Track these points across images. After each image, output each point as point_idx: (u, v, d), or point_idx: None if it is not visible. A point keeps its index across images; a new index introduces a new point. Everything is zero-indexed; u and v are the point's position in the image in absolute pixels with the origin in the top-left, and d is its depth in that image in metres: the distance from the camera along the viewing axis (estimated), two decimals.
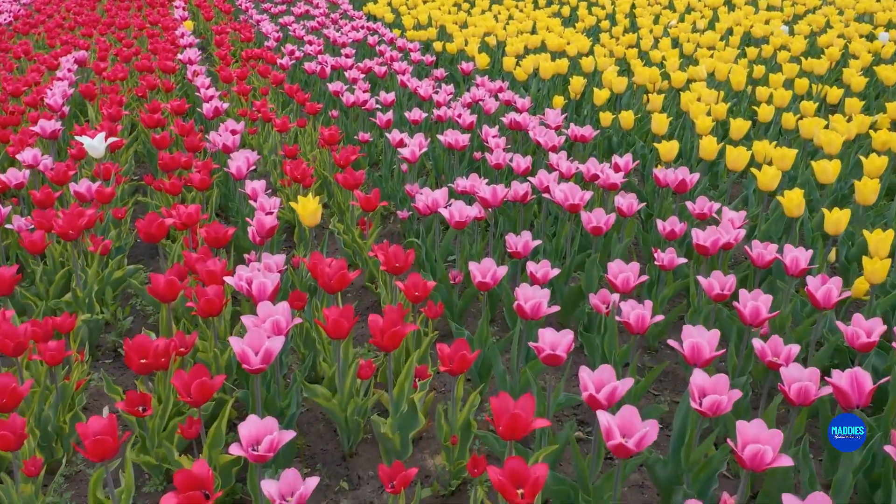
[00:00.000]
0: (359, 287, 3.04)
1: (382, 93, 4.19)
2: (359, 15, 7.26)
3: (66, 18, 7.84)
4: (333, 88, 4.39)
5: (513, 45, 5.24)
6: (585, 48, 5.37)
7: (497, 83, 4.35)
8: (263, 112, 4.08)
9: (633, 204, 2.61)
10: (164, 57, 5.35)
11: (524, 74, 4.53)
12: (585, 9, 7.70)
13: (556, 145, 3.30)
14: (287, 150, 3.56)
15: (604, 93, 3.86)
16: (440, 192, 2.67)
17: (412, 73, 5.55)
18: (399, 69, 4.83)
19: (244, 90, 4.66)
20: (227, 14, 8.10)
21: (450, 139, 3.36)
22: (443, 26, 6.81)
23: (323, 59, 5.30)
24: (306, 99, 4.28)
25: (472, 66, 4.86)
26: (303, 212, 2.39)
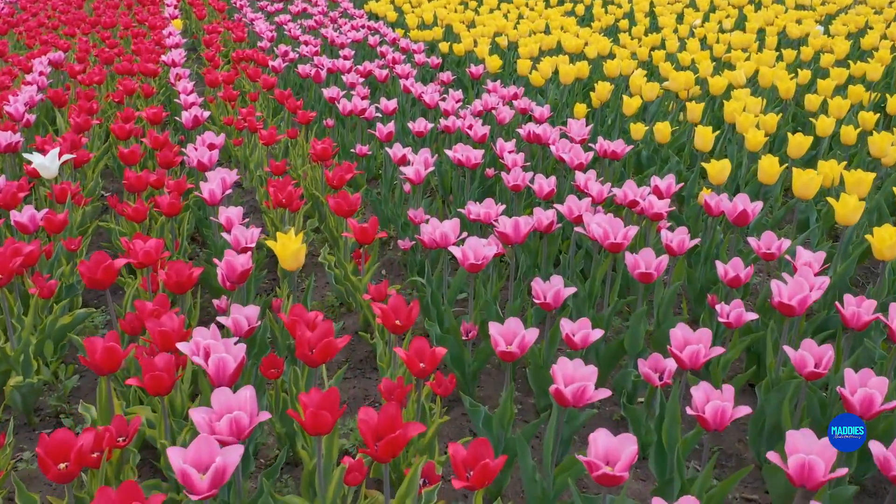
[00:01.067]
0: (351, 330, 2.59)
1: (383, 99, 3.74)
2: (359, 13, 6.82)
3: (51, 17, 7.41)
4: (329, 94, 3.94)
5: (526, 47, 4.78)
6: (606, 50, 4.92)
7: (511, 89, 3.89)
8: (249, 122, 3.63)
9: (684, 240, 2.15)
10: (147, 59, 4.91)
11: (541, 79, 4.08)
12: (601, 7, 7.25)
13: (584, 163, 2.85)
14: (273, 166, 3.11)
15: (634, 101, 3.40)
16: (450, 224, 2.22)
17: (416, 76, 5.10)
18: (402, 73, 4.38)
19: (230, 96, 4.21)
20: (220, 12, 7.65)
21: (460, 156, 2.90)
22: (449, 26, 6.36)
23: (319, 61, 4.85)
24: (298, 106, 3.83)
25: (482, 70, 4.41)
26: (282, 253, 1.94)
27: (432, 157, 2.91)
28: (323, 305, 2.77)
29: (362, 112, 3.63)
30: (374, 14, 7.17)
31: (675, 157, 3.36)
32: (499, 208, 2.46)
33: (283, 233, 2.03)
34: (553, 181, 2.65)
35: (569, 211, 2.35)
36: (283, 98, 4.03)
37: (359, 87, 4.19)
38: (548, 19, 6.44)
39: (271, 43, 5.74)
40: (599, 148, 2.99)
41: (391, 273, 3.03)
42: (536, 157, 3.33)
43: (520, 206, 2.88)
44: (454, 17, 6.21)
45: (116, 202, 2.97)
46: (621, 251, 2.04)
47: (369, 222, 2.36)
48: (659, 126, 3.10)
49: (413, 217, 2.70)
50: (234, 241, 2.25)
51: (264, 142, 3.30)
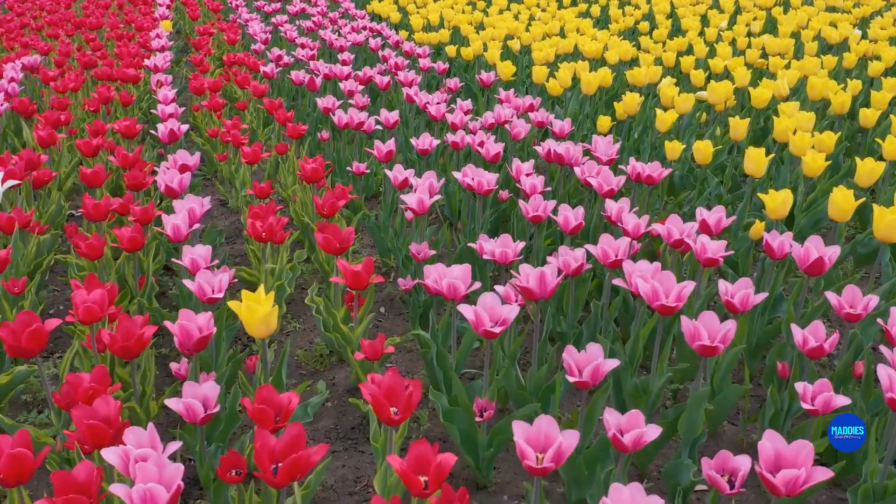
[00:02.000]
0: (342, 391, 2.19)
1: (384, 111, 3.34)
2: (361, 14, 6.42)
3: (37, 17, 7.04)
4: (323, 104, 3.54)
5: (541, 52, 4.38)
6: (628, 55, 4.51)
7: (526, 99, 3.49)
8: (233, 136, 3.24)
9: (748, 296, 1.75)
10: (128, 63, 4.52)
11: (558, 88, 3.67)
12: (618, 7, 6.84)
13: (615, 189, 2.45)
14: (257, 189, 2.72)
15: (669, 116, 2.99)
16: (459, 271, 1.82)
17: (421, 83, 4.70)
18: (405, 80, 3.98)
19: (216, 105, 3.82)
20: (215, 12, 7.27)
21: (471, 181, 2.50)
22: (456, 28, 5.96)
23: (315, 66, 4.46)
24: (289, 118, 3.43)
25: (493, 77, 4.01)
26: (248, 319, 1.54)
27: (438, 181, 2.51)
28: (310, 355, 2.37)
29: (359, 126, 3.23)
30: (377, 15, 6.78)
31: (715, 179, 2.96)
32: (517, 247, 2.06)
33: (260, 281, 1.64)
34: (580, 213, 2.25)
35: (603, 255, 1.95)
36: (272, 108, 3.64)
37: (357, 95, 3.79)
38: (562, 21, 6.03)
39: (266, 46, 5.35)
40: (632, 171, 2.58)
41: (391, 312, 2.64)
42: (557, 178, 2.93)
43: (540, 239, 2.48)
44: (462, 18, 5.81)
45: (75, 231, 2.58)
46: (674, 314, 1.64)
47: (363, 264, 1.97)
48: (699, 146, 2.69)
49: (416, 253, 2.30)
50: (198, 291, 1.86)
51: (247, 160, 2.90)
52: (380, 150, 2.84)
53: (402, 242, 2.62)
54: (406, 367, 2.32)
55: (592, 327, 2.07)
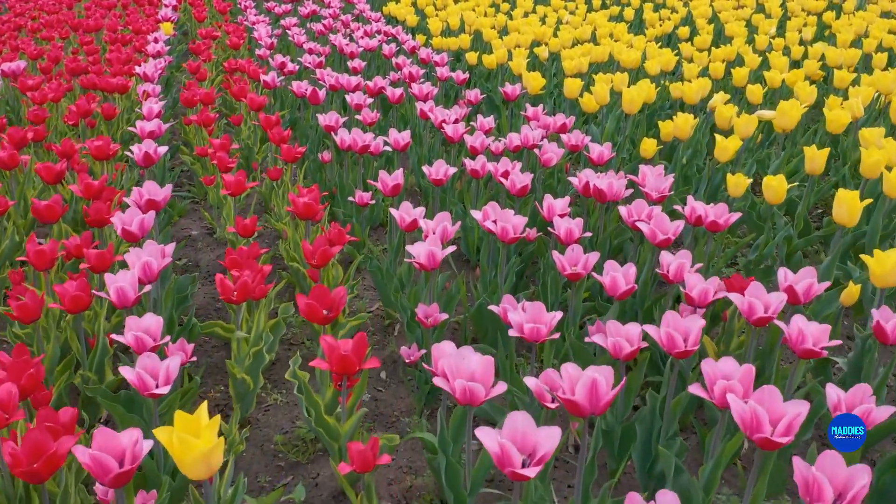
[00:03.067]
0: (326, 497, 1.74)
1: (393, 132, 2.89)
2: (376, 17, 5.99)
3: (35, 18, 6.69)
4: (325, 122, 3.10)
5: (571, 60, 3.91)
6: (670, 65, 4.03)
7: (558, 118, 3.02)
8: (219, 159, 2.80)
9: (870, 412, 1.28)
10: (118, 70, 4.12)
11: (594, 104, 3.20)
12: (653, 11, 6.35)
13: (671, 238, 1.98)
14: (240, 226, 2.29)
15: (731, 143, 2.51)
16: (479, 366, 1.37)
17: (438, 94, 4.25)
18: (419, 93, 3.53)
19: (207, 119, 3.40)
20: (223, 13, 6.87)
21: (493, 224, 2.04)
22: (478, 32, 5.51)
23: (322, 74, 4.03)
24: (284, 138, 3.00)
25: (518, 90, 3.54)
26: (180, 456, 1.09)
27: (454, 224, 2.06)
28: (291, 441, 1.93)
29: (364, 149, 2.79)
30: (393, 17, 6.35)
31: (783, 218, 2.48)
32: (551, 320, 1.60)
33: None
34: (631, 273, 1.79)
35: (669, 342, 1.48)
36: (268, 124, 3.20)
37: (365, 110, 3.36)
38: (593, 25, 5.56)
39: (271, 51, 4.93)
40: (690, 214, 2.11)
41: (393, 379, 2.19)
42: (595, 216, 2.46)
43: (578, 299, 2.01)
44: (484, 21, 5.35)
45: (19, 279, 2.16)
46: (778, 448, 1.17)
47: (354, 343, 1.52)
48: (772, 183, 2.20)
49: (423, 318, 1.86)
50: (137, 383, 1.42)
51: (229, 191, 2.47)
52: (385, 183, 2.39)
53: (409, 295, 2.17)
54: (409, 459, 1.87)
55: (648, 426, 1.61)
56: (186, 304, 2.22)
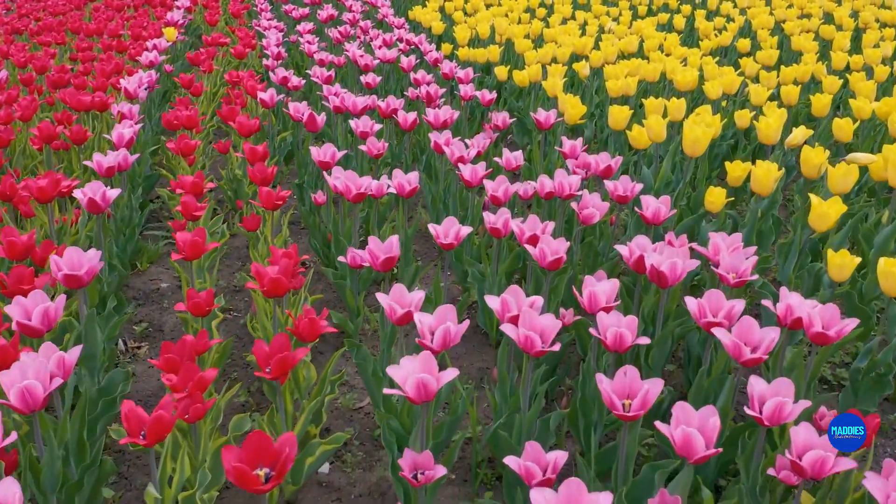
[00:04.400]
0: None
1: (398, 174, 2.35)
2: (399, 22, 5.45)
3: (38, 20, 6.29)
4: (319, 157, 2.57)
5: (617, 81, 3.33)
6: (734, 87, 3.43)
7: (601, 158, 2.45)
8: (185, 204, 2.28)
9: None
10: (101, 84, 3.64)
11: (645, 139, 2.62)
12: (706, 19, 5.72)
13: (763, 356, 1.41)
14: (191, 303, 1.77)
15: (833, 208, 1.91)
16: None
17: (461, 114, 3.71)
18: (435, 120, 2.98)
19: (186, 148, 2.90)
20: (237, 17, 6.40)
21: (520, 333, 1.48)
22: (510, 42, 4.94)
23: (328, 91, 3.51)
24: (268, 177, 2.47)
25: (552, 117, 2.98)
26: None
27: (459, 323, 1.51)
28: None
29: (358, 198, 2.24)
30: (418, 23, 5.81)
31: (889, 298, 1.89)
32: (603, 502, 1.05)
33: None
34: (714, 427, 1.22)
35: None
36: (253, 156, 2.69)
37: (371, 140, 2.83)
38: (639, 34, 4.96)
39: (279, 62, 4.43)
40: (784, 313, 1.54)
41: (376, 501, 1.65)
42: (653, 302, 1.90)
43: (631, 448, 1.44)
44: (517, 30, 4.78)
45: None
46: None
47: None
48: (891, 269, 1.61)
49: (410, 477, 1.31)
50: None
51: (184, 254, 1.94)
52: (375, 255, 1.84)
53: (401, 415, 1.63)
54: None
55: None
56: (111, 413, 1.70)
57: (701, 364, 1.82)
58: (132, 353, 2.35)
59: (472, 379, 2.10)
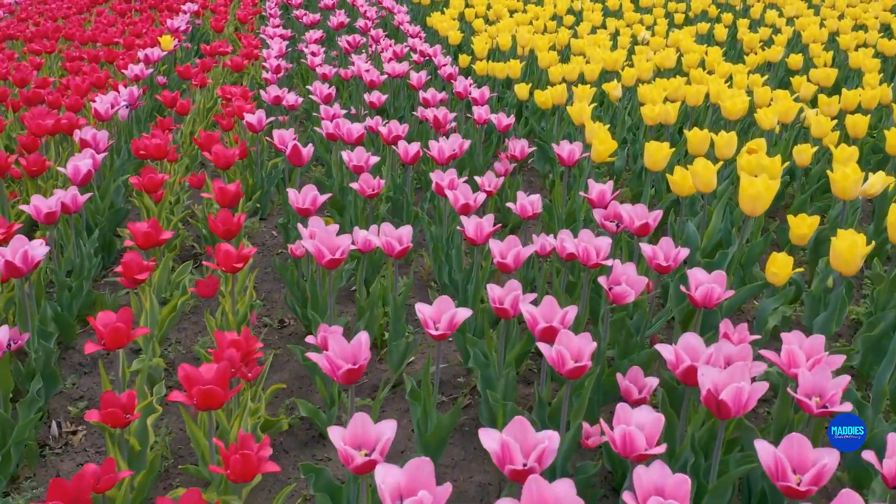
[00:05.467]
0: None
1: (387, 229, 1.93)
2: (415, 31, 5.03)
3: (37, 24, 5.96)
4: (298, 203, 2.16)
5: (654, 109, 2.88)
6: (789, 114, 2.95)
7: (636, 212, 2.00)
8: (126, 264, 1.88)
9: None
10: (75, 103, 3.27)
11: (689, 186, 2.16)
12: (748, 29, 5.22)
13: None
14: (105, 411, 1.37)
15: None
16: None
17: (475, 140, 3.28)
18: (439, 156, 2.56)
19: (152, 184, 2.50)
20: (244, 23, 6.02)
21: (531, 494, 1.04)
22: (533, 54, 4.50)
23: (325, 113, 3.10)
24: (232, 228, 2.06)
25: (578, 151, 2.53)
26: None
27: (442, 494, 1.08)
28: None
29: (333, 263, 1.81)
30: (435, 31, 5.39)
31: None
32: None
33: None
34: None
35: None
36: (224, 198, 2.28)
37: (365, 177, 2.41)
38: (678, 48, 4.50)
39: (280, 75, 4.03)
40: (890, 475, 1.09)
41: None
42: (700, 439, 1.45)
43: None
44: (540, 42, 4.33)
45: None
46: None
47: None
48: None
49: None
50: None
51: (105, 343, 1.54)
52: (335, 365, 1.40)
53: None
54: None
55: None
56: None
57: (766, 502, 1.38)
58: (66, 439, 1.96)
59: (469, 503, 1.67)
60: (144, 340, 1.97)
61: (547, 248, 2.09)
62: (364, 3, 6.42)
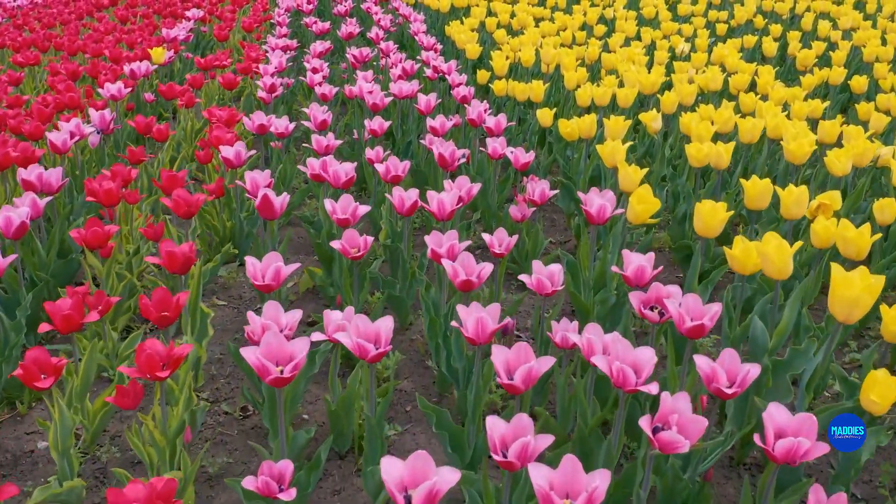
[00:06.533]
0: None
1: (360, 323, 1.48)
2: (429, 43, 4.58)
3: (32, 30, 5.62)
4: (259, 279, 1.72)
5: (702, 150, 2.41)
6: (865, 157, 2.46)
7: (688, 306, 1.54)
8: (25, 372, 1.46)
9: None
10: (34, 130, 2.88)
11: (753, 262, 1.68)
12: (799, 42, 4.71)
13: None
14: None
15: None
16: None
17: (488, 175, 2.85)
18: (439, 210, 2.11)
19: (93, 239, 2.09)
20: (249, 31, 5.62)
21: None
22: (559, 72, 4.04)
23: (318, 145, 2.68)
24: (167, 314, 1.63)
25: (608, 209, 2.06)
26: None
27: None
28: None
29: (281, 382, 1.36)
30: (452, 41, 4.94)
31: None
32: None
33: None
34: None
35: None
36: (172, 263, 1.85)
37: (350, 234, 1.98)
38: (721, 63, 4.02)
39: (276, 95, 3.61)
40: None
41: None
42: None
43: None
44: (568, 57, 3.85)
45: None
46: None
47: None
48: None
49: None
50: None
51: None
52: None
53: None
54: None
55: None
56: None
57: None
58: None
59: None
60: (59, 456, 1.55)
61: (569, 342, 1.64)
62: (379, 11, 6.01)
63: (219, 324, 2.37)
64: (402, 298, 2.26)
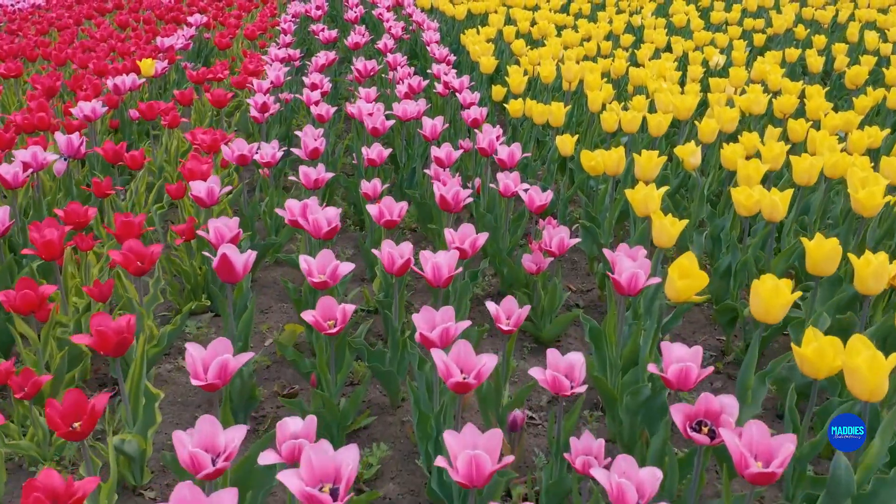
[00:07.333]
0: None
1: (318, 459, 1.12)
2: (442, 54, 4.21)
3: (26, 35, 5.34)
4: (199, 371, 1.38)
5: (751, 197, 2.03)
6: None
7: (756, 431, 1.16)
8: None
9: None
10: None
11: (828, 364, 1.31)
12: (846, 56, 4.30)
13: None
14: None
15: None
16: None
17: (499, 215, 2.49)
18: (434, 276, 1.74)
19: (23, 303, 1.75)
20: (252, 39, 5.30)
21: None
22: (581, 91, 3.66)
23: (307, 180, 2.33)
24: (84, 430, 1.28)
25: (641, 279, 1.68)
26: None
27: None
28: None
29: (213, 476, 1.02)
30: (466, 51, 4.58)
31: None
32: None
33: None
34: None
35: None
36: (104, 343, 1.51)
37: (327, 303, 1.63)
38: (762, 79, 3.62)
39: (269, 115, 3.26)
40: None
41: None
42: None
43: None
44: (591, 75, 3.46)
45: None
46: None
47: None
48: None
49: None
50: None
51: None
52: None
53: None
54: None
55: None
56: None
57: None
58: None
59: None
60: None
61: (588, 468, 1.28)
62: (391, 18, 5.65)
63: (180, 395, 2.03)
64: (391, 373, 1.90)
